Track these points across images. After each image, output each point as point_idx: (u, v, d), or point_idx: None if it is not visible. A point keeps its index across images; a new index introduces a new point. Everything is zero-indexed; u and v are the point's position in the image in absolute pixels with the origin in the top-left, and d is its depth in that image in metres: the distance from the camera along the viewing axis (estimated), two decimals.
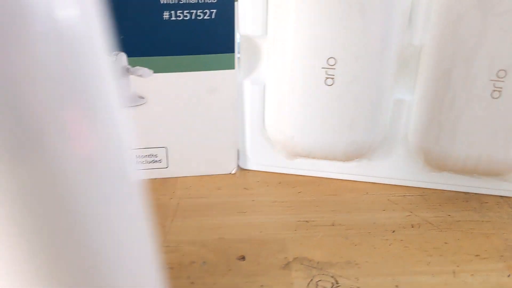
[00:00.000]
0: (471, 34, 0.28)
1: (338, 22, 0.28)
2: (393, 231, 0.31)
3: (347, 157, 0.33)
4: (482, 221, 0.32)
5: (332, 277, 0.27)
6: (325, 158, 0.34)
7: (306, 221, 0.31)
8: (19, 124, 0.10)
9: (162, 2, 0.29)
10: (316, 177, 0.36)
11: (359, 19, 0.28)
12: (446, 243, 0.30)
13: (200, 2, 0.29)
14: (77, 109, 0.11)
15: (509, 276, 0.27)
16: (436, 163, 0.33)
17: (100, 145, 0.12)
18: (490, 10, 0.27)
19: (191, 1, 0.29)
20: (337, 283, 0.27)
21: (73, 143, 0.11)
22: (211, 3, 0.30)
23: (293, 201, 0.33)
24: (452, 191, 0.35)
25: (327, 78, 0.30)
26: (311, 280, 0.27)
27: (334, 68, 0.30)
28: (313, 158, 0.34)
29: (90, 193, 0.12)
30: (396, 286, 0.26)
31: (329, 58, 0.29)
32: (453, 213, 0.33)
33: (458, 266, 0.28)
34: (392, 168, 0.34)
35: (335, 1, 0.28)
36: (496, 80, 0.28)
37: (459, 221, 0.32)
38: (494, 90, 0.29)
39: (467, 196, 0.34)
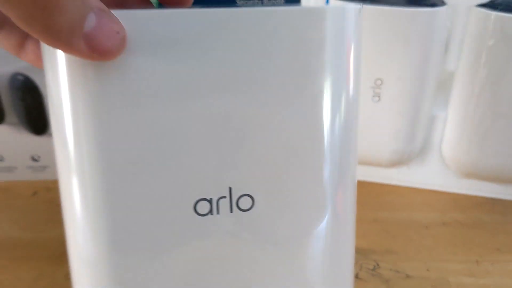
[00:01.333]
0: (498, 62, 0.33)
1: (385, 49, 0.34)
2: (427, 227, 0.36)
3: (390, 164, 0.39)
4: (505, 222, 0.37)
5: (374, 261, 0.33)
6: (370, 164, 0.39)
7: None
8: None
9: None
10: (362, 181, 0.41)
11: (403, 48, 0.34)
12: (472, 239, 0.35)
13: None
14: None
15: None
16: (466, 171, 0.38)
17: None
18: None
19: None
20: (378, 265, 0.32)
21: None
22: None
23: None
24: (481, 196, 0.40)
25: (374, 96, 0.36)
26: (357, 262, 0.32)
27: (380, 88, 0.36)
28: (360, 164, 0.40)
29: None
30: (427, 269, 0.32)
31: (376, 79, 0.35)
32: (480, 215, 0.38)
33: (481, 257, 0.33)
34: (428, 175, 0.40)
35: (384, 33, 0.34)
36: None
37: (485, 221, 0.37)
38: None
39: (493, 201, 0.39)
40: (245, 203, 0.20)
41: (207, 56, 0.18)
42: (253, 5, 0.37)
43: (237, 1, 0.37)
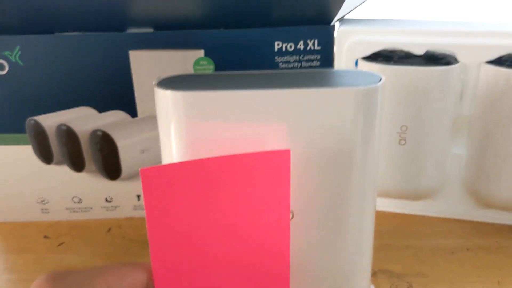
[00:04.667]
0: (506, 109, 0.39)
1: (409, 101, 0.40)
2: (452, 253, 0.41)
3: (416, 197, 0.44)
4: None
5: (407, 282, 0.38)
6: (400, 197, 0.45)
7: (387, 244, 0.43)
8: None
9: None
10: (393, 213, 0.47)
11: (423, 99, 0.40)
12: (493, 262, 0.40)
13: None
14: None
15: None
16: (484, 202, 0.43)
17: None
18: None
19: None
20: (411, 286, 0.38)
21: None
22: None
23: (376, 231, 0.44)
24: (500, 224, 0.45)
25: (400, 139, 0.42)
26: (392, 284, 0.38)
27: (406, 133, 0.41)
28: (391, 197, 0.45)
29: None
30: None
31: (401, 126, 0.41)
32: (500, 241, 0.43)
33: (502, 278, 0.38)
34: (451, 206, 0.45)
35: (407, 88, 0.40)
36: None
37: (505, 246, 0.42)
38: None
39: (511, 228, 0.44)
40: None
41: None
42: (292, 65, 0.43)
43: (276, 59, 0.43)
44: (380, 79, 0.29)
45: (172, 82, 0.29)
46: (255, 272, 0.30)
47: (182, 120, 0.28)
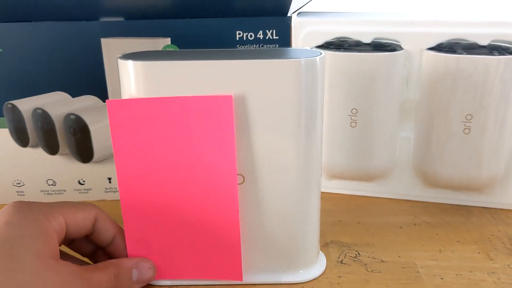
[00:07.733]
0: (445, 91, 0.42)
1: (358, 85, 0.44)
2: (400, 227, 0.44)
3: (368, 178, 0.47)
4: (467, 222, 0.45)
5: (356, 251, 0.41)
6: (353, 179, 0.48)
7: (340, 220, 0.45)
8: None
9: None
10: (347, 195, 0.50)
11: (371, 83, 0.43)
12: (437, 234, 0.43)
13: None
14: None
15: (478, 253, 0.40)
16: (431, 182, 0.46)
17: None
18: (457, 75, 0.42)
19: None
20: (359, 254, 0.40)
21: None
22: None
23: (331, 210, 0.47)
24: (447, 204, 0.48)
25: (352, 122, 0.45)
26: (342, 252, 0.40)
27: (356, 115, 0.45)
28: (345, 179, 0.48)
29: None
30: (399, 256, 0.40)
31: (352, 109, 0.45)
32: (446, 217, 0.46)
33: (443, 247, 0.41)
34: (402, 187, 0.48)
35: (356, 73, 0.43)
36: (465, 121, 0.42)
37: (450, 222, 0.45)
38: (465, 128, 0.43)
39: (458, 207, 0.47)
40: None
41: None
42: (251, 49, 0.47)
43: (238, 48, 0.46)
44: (321, 54, 0.32)
45: (133, 56, 0.33)
46: (207, 221, 0.33)
47: (141, 86, 0.31)
